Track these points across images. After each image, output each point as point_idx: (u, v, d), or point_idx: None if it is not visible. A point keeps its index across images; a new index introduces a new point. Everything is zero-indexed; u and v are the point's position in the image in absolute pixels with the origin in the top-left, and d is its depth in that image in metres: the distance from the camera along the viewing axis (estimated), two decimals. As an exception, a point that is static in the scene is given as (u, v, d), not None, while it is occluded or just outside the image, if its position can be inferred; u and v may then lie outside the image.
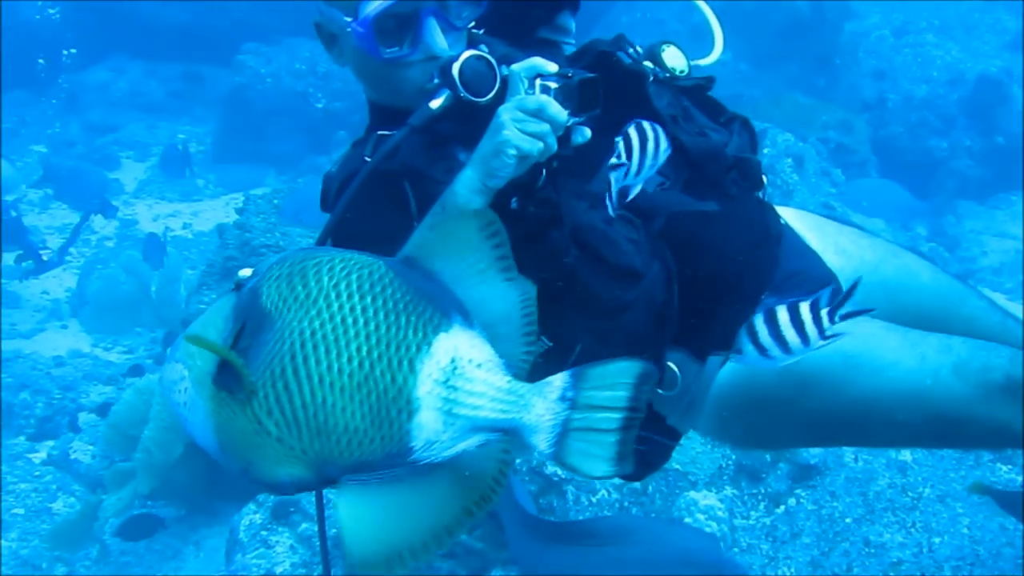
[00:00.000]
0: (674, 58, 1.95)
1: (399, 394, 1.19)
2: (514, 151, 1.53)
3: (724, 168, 1.88)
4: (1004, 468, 3.53)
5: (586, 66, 1.82)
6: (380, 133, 1.75)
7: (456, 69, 1.68)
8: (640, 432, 1.86)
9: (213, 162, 9.37)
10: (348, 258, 1.26)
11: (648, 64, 1.92)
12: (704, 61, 2.07)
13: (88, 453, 5.15)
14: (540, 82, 1.59)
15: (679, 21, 8.58)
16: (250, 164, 9.05)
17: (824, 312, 1.51)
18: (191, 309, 5.48)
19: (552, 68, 1.60)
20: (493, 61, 1.70)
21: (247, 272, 1.29)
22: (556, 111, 1.54)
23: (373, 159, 1.66)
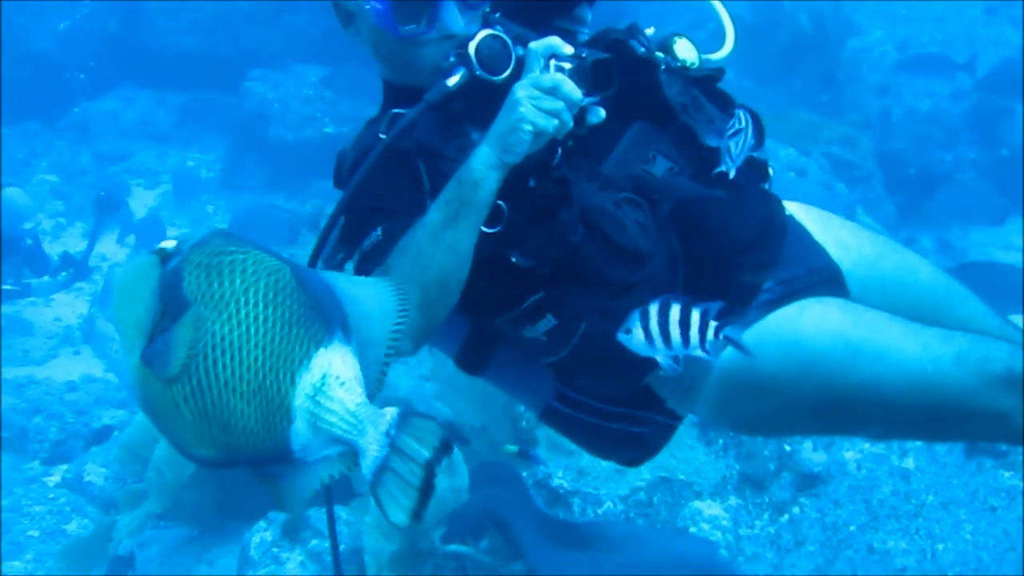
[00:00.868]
0: (685, 50, 1.99)
1: (282, 403, 1.32)
2: (530, 127, 1.58)
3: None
4: (1007, 474, 3.54)
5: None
6: (394, 111, 1.79)
7: (473, 47, 1.72)
8: (640, 412, 1.90)
9: (222, 188, 9.43)
10: (259, 260, 1.35)
11: (660, 54, 1.96)
12: (715, 55, 2.10)
13: (101, 475, 5.18)
14: (554, 62, 1.63)
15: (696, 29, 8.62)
16: (259, 190, 9.11)
17: (712, 324, 1.56)
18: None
19: (569, 50, 1.65)
20: (509, 41, 1.74)
21: (171, 244, 1.37)
22: (571, 89, 1.59)
23: (388, 136, 1.70)
